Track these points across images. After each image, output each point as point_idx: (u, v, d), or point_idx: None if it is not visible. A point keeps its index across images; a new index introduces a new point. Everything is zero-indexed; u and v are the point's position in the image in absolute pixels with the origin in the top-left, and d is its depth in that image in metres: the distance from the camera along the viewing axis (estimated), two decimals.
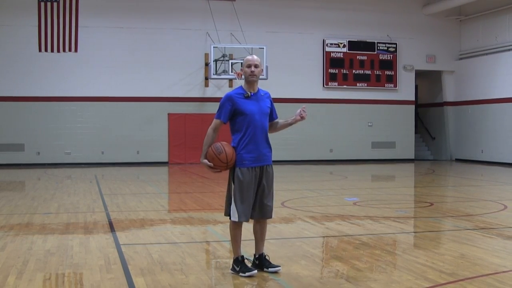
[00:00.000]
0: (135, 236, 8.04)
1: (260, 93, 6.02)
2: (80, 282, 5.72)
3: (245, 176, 5.76)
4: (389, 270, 6.15)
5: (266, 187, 5.90)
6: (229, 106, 5.81)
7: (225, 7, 23.89)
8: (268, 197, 5.93)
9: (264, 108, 5.95)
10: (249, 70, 5.89)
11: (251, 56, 6.04)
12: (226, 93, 6.00)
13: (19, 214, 10.08)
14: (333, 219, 9.44)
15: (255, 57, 5.98)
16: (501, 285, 5.45)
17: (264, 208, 5.90)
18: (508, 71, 23.10)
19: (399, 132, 26.17)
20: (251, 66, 5.89)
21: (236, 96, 5.87)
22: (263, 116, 5.92)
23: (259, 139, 5.85)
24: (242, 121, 5.82)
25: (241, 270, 5.79)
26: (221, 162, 5.74)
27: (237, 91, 5.94)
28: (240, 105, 5.82)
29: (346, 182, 16.82)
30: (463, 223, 9.10)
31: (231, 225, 5.90)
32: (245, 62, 5.96)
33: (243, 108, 5.81)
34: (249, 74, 5.89)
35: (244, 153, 5.79)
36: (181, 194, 13.85)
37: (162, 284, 5.54)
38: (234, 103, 5.81)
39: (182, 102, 23.77)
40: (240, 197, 5.76)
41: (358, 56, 25.40)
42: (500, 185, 16.02)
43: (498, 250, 7.05)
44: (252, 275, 5.73)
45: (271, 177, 5.96)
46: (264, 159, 5.87)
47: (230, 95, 5.89)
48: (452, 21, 26.63)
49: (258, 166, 5.83)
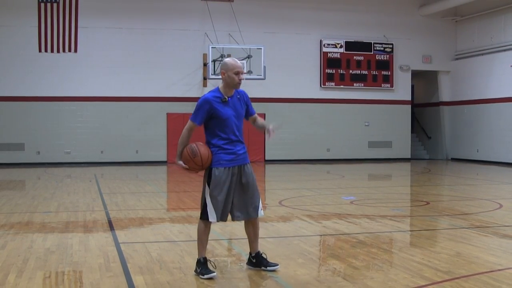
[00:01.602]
0: (134, 235, 8.04)
1: (235, 96, 5.82)
2: (80, 280, 5.71)
3: (221, 176, 5.66)
4: (386, 268, 6.17)
5: (248, 186, 5.78)
6: (206, 110, 5.64)
7: (223, 8, 23.97)
8: (252, 196, 5.80)
9: (240, 111, 5.81)
10: (237, 77, 5.67)
11: (234, 60, 5.76)
12: (203, 96, 5.76)
13: (19, 213, 10.09)
14: (330, 218, 9.47)
15: (239, 62, 5.76)
16: (496, 283, 5.46)
17: (249, 207, 5.79)
18: (503, 71, 23.11)
19: (395, 132, 26.22)
20: (239, 74, 5.67)
21: (214, 100, 5.67)
22: (239, 119, 5.80)
23: (235, 141, 5.75)
24: (219, 124, 5.68)
25: (200, 272, 5.67)
26: (195, 165, 5.65)
27: (215, 94, 5.73)
28: (217, 109, 5.66)
29: (343, 181, 16.82)
30: (459, 221, 9.14)
31: (201, 225, 5.79)
32: (233, 67, 5.67)
33: (219, 113, 5.66)
34: (237, 82, 5.68)
35: (221, 154, 5.69)
36: (180, 193, 13.87)
37: (161, 282, 5.55)
38: (211, 107, 5.64)
39: (181, 102, 23.78)
40: (217, 197, 5.65)
41: (355, 57, 25.44)
42: (496, 184, 16.01)
43: (494, 249, 7.08)
44: (211, 277, 5.61)
45: (251, 176, 5.82)
46: (241, 159, 5.77)
47: (208, 99, 5.68)
48: (448, 21, 26.68)
49: (236, 166, 5.73)
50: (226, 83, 5.72)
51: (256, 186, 5.89)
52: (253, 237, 5.95)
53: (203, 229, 5.78)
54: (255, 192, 5.85)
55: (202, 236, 5.78)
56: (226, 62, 5.72)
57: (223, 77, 5.72)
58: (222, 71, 5.71)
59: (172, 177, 18.89)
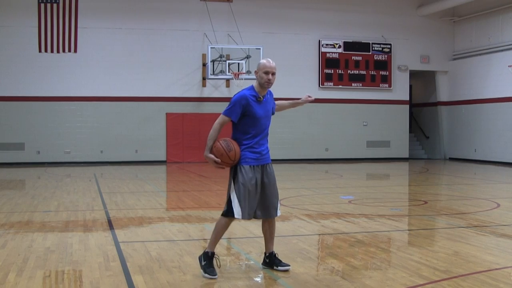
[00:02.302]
0: (134, 234, 8.05)
1: (268, 96, 5.89)
2: (80, 279, 5.72)
3: (248, 174, 5.68)
4: (384, 267, 6.19)
5: (269, 186, 5.84)
6: (242, 105, 5.65)
7: (222, 8, 24.05)
8: (271, 196, 5.86)
9: (270, 112, 5.90)
10: (267, 77, 5.68)
11: (268, 61, 5.73)
12: (240, 92, 5.76)
13: (19, 212, 10.10)
14: (328, 217, 9.48)
15: (273, 63, 5.71)
16: (494, 282, 5.48)
17: (269, 207, 5.84)
18: (501, 71, 23.14)
19: (393, 132, 26.29)
20: (269, 74, 5.68)
21: (250, 98, 5.70)
22: (268, 119, 5.87)
23: (262, 141, 5.81)
24: (250, 123, 5.71)
25: (204, 267, 5.71)
26: (229, 159, 5.63)
27: (251, 93, 5.75)
28: (252, 108, 5.67)
29: (341, 180, 16.85)
30: (456, 221, 9.16)
31: (222, 221, 5.78)
32: (263, 67, 5.70)
33: (254, 112, 5.69)
34: (265, 81, 5.68)
35: (248, 152, 5.71)
36: (179, 192, 13.86)
37: (160, 281, 5.55)
38: (247, 104, 5.66)
39: (180, 102, 23.90)
40: (244, 195, 5.67)
41: (353, 57, 25.53)
42: (493, 184, 16.04)
43: (491, 248, 7.09)
44: (211, 278, 5.62)
45: (272, 176, 5.89)
46: (265, 159, 5.83)
47: (245, 95, 5.70)
48: (446, 22, 26.76)
49: (259, 165, 5.78)
50: (259, 83, 5.76)
51: (276, 186, 5.95)
52: (268, 237, 5.98)
53: (223, 225, 5.79)
54: (275, 191, 5.92)
55: (220, 231, 5.79)
56: (259, 63, 5.79)
57: (256, 76, 5.79)
58: (255, 70, 5.80)
59: (171, 177, 18.90)
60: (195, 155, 23.60)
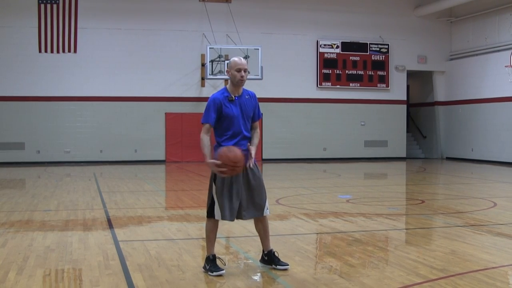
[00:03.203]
0: (133, 233, 8.06)
1: (244, 96, 5.84)
2: (79, 277, 5.73)
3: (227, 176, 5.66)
4: (381, 266, 6.21)
5: (254, 186, 5.79)
6: (216, 108, 5.66)
7: (221, 8, 24.11)
8: (259, 195, 5.82)
9: (248, 111, 5.81)
10: (239, 74, 5.68)
11: (239, 58, 5.78)
12: (211, 96, 5.79)
13: (19, 211, 10.13)
14: (326, 216, 9.50)
15: (244, 60, 5.75)
16: (491, 280, 5.49)
17: (256, 206, 5.82)
18: (497, 71, 23.14)
19: (391, 131, 26.35)
20: (241, 71, 5.68)
21: (222, 99, 5.70)
22: (246, 119, 5.81)
23: (242, 141, 5.76)
24: (226, 123, 5.71)
25: (209, 269, 5.73)
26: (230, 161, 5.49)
27: (223, 94, 5.76)
28: (225, 108, 5.68)
29: (339, 180, 16.88)
30: (453, 220, 9.20)
31: (208, 224, 5.83)
32: (234, 65, 5.70)
33: (227, 112, 5.68)
34: (239, 79, 5.68)
35: None
36: (178, 191, 13.89)
37: (159, 279, 5.57)
38: (220, 106, 5.67)
39: (179, 101, 23.96)
40: (222, 196, 5.67)
41: (351, 57, 25.58)
42: (490, 183, 16.09)
43: (488, 247, 7.12)
44: (220, 275, 5.67)
45: (257, 175, 5.84)
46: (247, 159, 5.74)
47: (216, 97, 5.72)
48: (443, 22, 26.82)
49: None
50: (231, 82, 5.76)
51: (263, 185, 5.91)
52: (263, 235, 5.99)
53: (211, 228, 5.82)
54: (262, 190, 5.86)
55: (210, 234, 5.83)
56: (230, 61, 5.76)
57: (228, 75, 5.78)
58: (227, 70, 5.78)
59: (170, 176, 18.94)
60: (194, 155, 23.71)
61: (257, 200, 5.82)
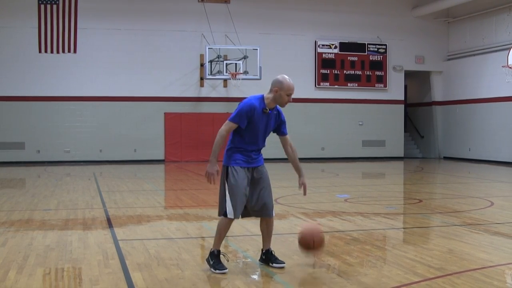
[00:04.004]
0: (133, 232, 8.07)
1: (274, 111, 5.94)
2: (79, 276, 5.74)
3: (239, 174, 5.77)
4: (379, 265, 6.23)
5: (263, 186, 5.91)
6: (250, 114, 5.71)
7: (220, 9, 24.18)
8: (267, 197, 5.94)
9: (271, 127, 5.95)
10: (288, 98, 5.80)
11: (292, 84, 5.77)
12: (250, 99, 5.81)
13: (19, 211, 10.13)
14: (324, 215, 9.52)
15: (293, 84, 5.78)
16: (488, 279, 5.51)
17: (264, 207, 5.92)
18: (494, 71, 23.17)
19: (389, 131, 26.44)
20: (290, 96, 5.79)
21: (258, 108, 5.76)
22: (267, 132, 5.96)
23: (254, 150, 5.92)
24: (249, 130, 5.79)
25: (213, 266, 5.81)
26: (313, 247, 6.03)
27: (261, 103, 5.80)
28: (256, 118, 5.75)
29: (337, 179, 16.92)
30: (451, 219, 9.21)
31: (223, 221, 5.87)
32: (288, 88, 5.74)
33: (256, 122, 5.77)
34: (286, 102, 5.81)
35: (239, 154, 5.83)
36: (177, 191, 13.90)
37: (158, 278, 5.58)
38: (254, 114, 5.73)
39: (178, 101, 24.04)
40: (235, 195, 5.75)
41: (349, 57, 25.68)
42: (487, 182, 16.15)
43: (485, 246, 7.13)
44: (222, 273, 5.73)
45: (266, 176, 5.96)
46: (256, 161, 5.93)
47: (254, 106, 5.75)
48: (440, 23, 26.91)
49: (250, 167, 5.87)
50: (275, 99, 5.80)
51: (270, 186, 6.02)
52: (266, 235, 6.09)
53: (225, 225, 5.87)
54: (269, 192, 5.99)
55: (223, 231, 5.88)
56: (283, 82, 5.76)
57: (275, 94, 5.78)
58: (276, 88, 5.77)
59: (169, 176, 18.99)
60: (193, 154, 23.83)
61: (267, 200, 5.95)
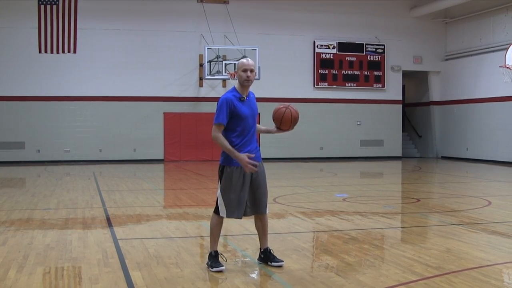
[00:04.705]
0: (132, 231, 8.10)
1: (251, 96, 5.97)
2: (79, 275, 5.75)
3: (234, 174, 5.76)
4: (377, 264, 6.23)
5: (259, 184, 5.90)
6: (228, 107, 5.70)
7: (219, 9, 24.26)
8: (261, 193, 5.92)
9: (255, 111, 5.95)
10: (245, 74, 5.77)
11: (247, 59, 5.88)
12: (222, 96, 5.82)
13: (19, 210, 10.15)
14: (323, 215, 9.53)
15: (251, 61, 5.86)
16: (485, 278, 5.53)
17: (258, 204, 5.91)
18: (492, 71, 23.19)
19: (387, 131, 26.51)
20: (247, 71, 5.78)
21: (233, 99, 5.75)
22: (254, 119, 5.93)
23: (250, 141, 5.86)
24: (237, 124, 5.76)
25: (210, 265, 5.85)
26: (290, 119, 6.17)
27: (233, 94, 5.81)
28: (237, 108, 5.73)
29: (335, 179, 16.94)
30: (448, 218, 9.25)
31: (213, 219, 5.92)
32: (241, 66, 5.81)
33: (239, 112, 5.74)
34: (244, 79, 5.78)
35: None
36: (176, 190, 13.93)
37: (158, 277, 5.60)
38: (232, 106, 5.71)
39: (177, 101, 24.11)
40: (228, 194, 5.76)
41: (347, 57, 25.74)
42: (485, 182, 16.19)
43: (483, 245, 7.16)
44: (219, 271, 5.77)
45: (262, 174, 5.95)
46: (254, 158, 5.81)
47: (228, 97, 5.76)
48: (438, 23, 26.97)
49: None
50: (239, 82, 5.87)
51: (266, 184, 6.03)
52: (261, 233, 6.08)
53: (215, 224, 5.92)
54: (265, 189, 6.01)
55: (214, 230, 5.93)
56: (238, 63, 5.90)
57: (236, 76, 5.93)
58: (235, 71, 6.02)
59: (168, 175, 19.05)
60: (192, 154, 23.93)
61: (261, 197, 5.96)
